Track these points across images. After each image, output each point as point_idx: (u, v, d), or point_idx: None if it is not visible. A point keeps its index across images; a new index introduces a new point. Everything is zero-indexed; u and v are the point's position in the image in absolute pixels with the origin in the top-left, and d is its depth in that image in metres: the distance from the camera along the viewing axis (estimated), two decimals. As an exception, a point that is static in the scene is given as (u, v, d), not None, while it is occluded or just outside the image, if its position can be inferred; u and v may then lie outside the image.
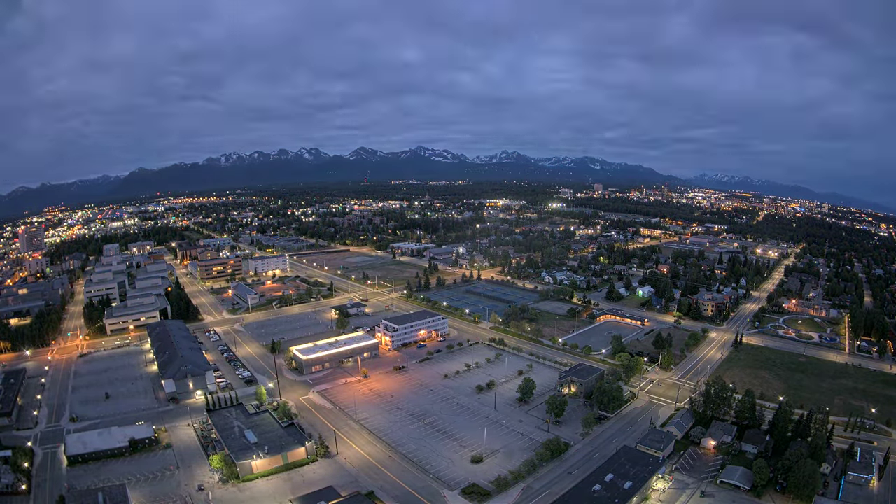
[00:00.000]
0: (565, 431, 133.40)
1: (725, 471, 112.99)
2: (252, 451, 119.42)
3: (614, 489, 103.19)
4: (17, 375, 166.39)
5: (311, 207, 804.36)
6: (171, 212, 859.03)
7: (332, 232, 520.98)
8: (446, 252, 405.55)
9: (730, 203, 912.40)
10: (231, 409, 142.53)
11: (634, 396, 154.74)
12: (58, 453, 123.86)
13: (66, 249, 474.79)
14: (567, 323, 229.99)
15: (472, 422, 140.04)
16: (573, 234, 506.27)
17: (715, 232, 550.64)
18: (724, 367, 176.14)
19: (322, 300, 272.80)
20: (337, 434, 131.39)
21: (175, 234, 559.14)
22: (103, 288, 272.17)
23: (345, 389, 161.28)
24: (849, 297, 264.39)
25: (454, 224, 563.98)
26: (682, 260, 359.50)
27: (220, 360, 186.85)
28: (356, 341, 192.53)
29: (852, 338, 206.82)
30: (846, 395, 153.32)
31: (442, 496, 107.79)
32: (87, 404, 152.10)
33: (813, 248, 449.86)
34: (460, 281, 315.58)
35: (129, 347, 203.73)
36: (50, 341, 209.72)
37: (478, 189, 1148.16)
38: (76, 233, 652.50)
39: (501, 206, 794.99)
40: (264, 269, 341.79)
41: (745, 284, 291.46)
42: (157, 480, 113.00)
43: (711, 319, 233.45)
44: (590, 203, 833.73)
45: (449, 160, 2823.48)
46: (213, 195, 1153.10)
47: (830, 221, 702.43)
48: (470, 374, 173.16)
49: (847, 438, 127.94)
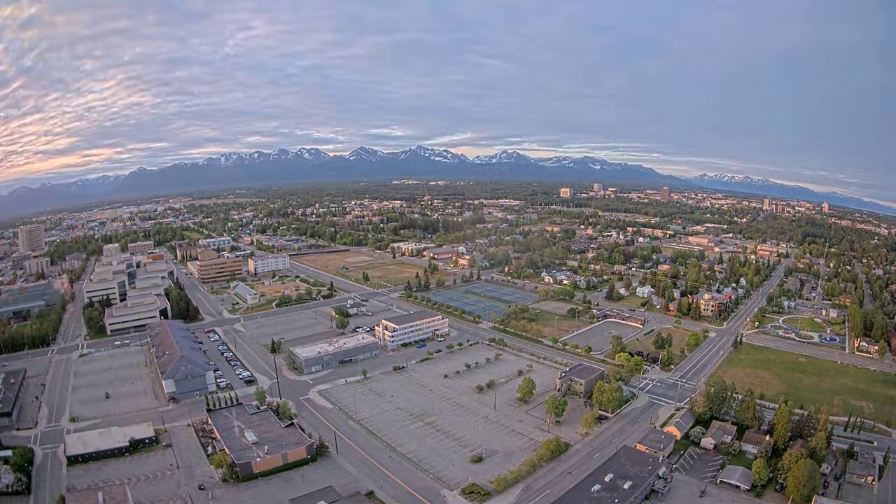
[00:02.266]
0: (565, 431, 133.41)
1: (725, 471, 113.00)
2: (252, 450, 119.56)
3: (614, 489, 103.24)
4: (17, 375, 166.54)
5: (311, 207, 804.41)
6: (172, 212, 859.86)
7: (332, 232, 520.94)
8: (446, 252, 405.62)
9: (730, 203, 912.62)
10: (231, 409, 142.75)
11: (634, 396, 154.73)
12: (58, 453, 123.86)
13: (66, 249, 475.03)
14: (567, 323, 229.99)
15: (472, 422, 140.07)
16: (573, 234, 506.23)
17: (715, 232, 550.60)
18: (724, 367, 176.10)
19: (322, 300, 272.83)
20: (337, 434, 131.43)
21: (175, 234, 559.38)
22: (103, 288, 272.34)
23: (345, 389, 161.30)
24: (849, 297, 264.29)
25: (454, 224, 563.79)
26: (682, 260, 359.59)
27: (220, 360, 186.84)
28: (356, 341, 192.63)
29: (852, 338, 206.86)
30: (846, 395, 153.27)
31: (442, 496, 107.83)
32: (87, 404, 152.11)
33: (813, 248, 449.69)
34: (460, 281, 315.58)
35: (129, 347, 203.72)
36: (50, 341, 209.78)
37: (478, 189, 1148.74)
38: (77, 233, 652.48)
39: (501, 205, 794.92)
40: (264, 270, 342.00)
41: (744, 284, 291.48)
42: (157, 480, 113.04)
43: (711, 319, 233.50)
44: (590, 203, 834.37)
45: (449, 160, 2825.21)
46: (213, 197, 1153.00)
47: (830, 221, 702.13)
48: (470, 374, 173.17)
49: (847, 438, 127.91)
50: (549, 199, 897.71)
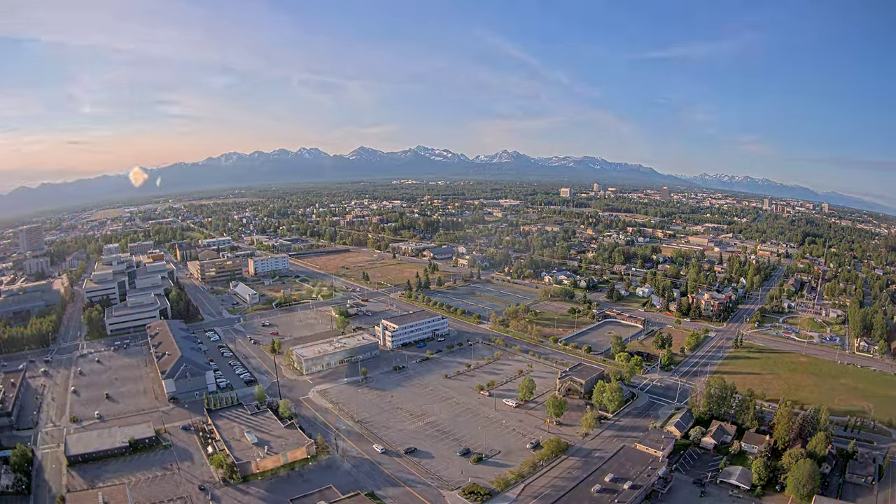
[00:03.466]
0: (565, 431, 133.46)
1: (725, 471, 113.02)
2: (252, 451, 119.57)
3: (614, 489, 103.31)
4: (17, 375, 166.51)
5: (311, 207, 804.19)
6: (172, 212, 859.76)
7: (332, 232, 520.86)
8: (446, 252, 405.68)
9: (730, 203, 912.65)
10: (231, 409, 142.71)
11: (634, 396, 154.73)
12: (58, 453, 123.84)
13: (66, 249, 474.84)
14: (567, 323, 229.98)
15: (472, 422, 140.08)
16: (573, 234, 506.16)
17: (715, 232, 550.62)
18: (724, 367, 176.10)
19: (322, 300, 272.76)
20: (337, 434, 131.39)
21: (175, 234, 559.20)
22: (103, 288, 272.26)
23: (344, 389, 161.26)
24: (849, 297, 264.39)
25: (454, 224, 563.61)
26: (682, 260, 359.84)
27: (220, 360, 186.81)
28: (356, 341, 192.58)
29: (852, 338, 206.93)
30: (846, 395, 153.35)
31: (442, 496, 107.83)
32: (88, 404, 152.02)
33: (813, 248, 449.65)
34: (461, 281, 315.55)
35: (129, 347, 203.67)
36: (50, 341, 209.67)
37: (478, 189, 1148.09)
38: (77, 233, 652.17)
39: (502, 205, 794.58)
40: (264, 270, 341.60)
41: (745, 284, 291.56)
42: (157, 480, 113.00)
43: (711, 319, 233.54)
44: (590, 203, 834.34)
45: (449, 160, 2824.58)
46: (213, 197, 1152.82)
47: (830, 221, 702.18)
48: (470, 374, 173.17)
49: (847, 438, 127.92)
50: (549, 198, 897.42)
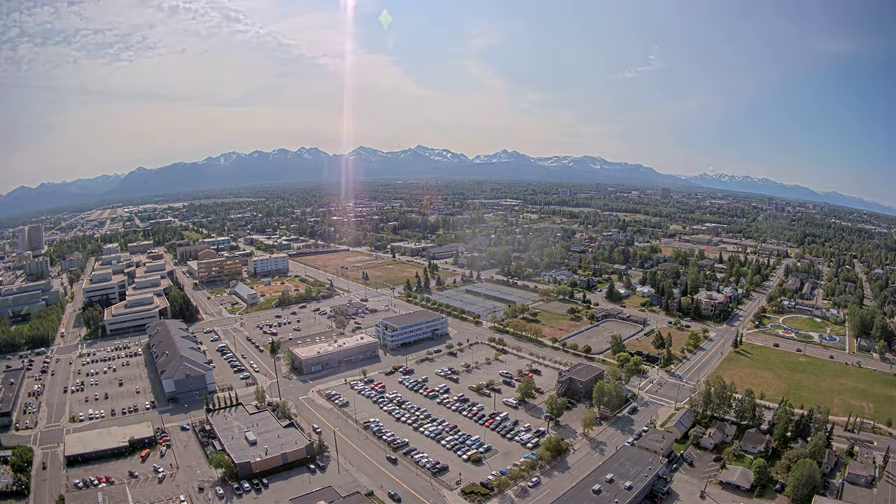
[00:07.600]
0: (565, 431, 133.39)
1: (725, 471, 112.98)
2: (252, 450, 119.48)
3: (614, 489, 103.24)
4: (17, 375, 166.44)
5: (311, 207, 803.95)
6: (171, 211, 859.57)
7: (332, 232, 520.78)
8: (446, 252, 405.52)
9: (730, 203, 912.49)
10: (231, 408, 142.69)
11: (634, 396, 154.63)
12: (57, 453, 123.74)
13: (65, 249, 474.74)
14: (567, 323, 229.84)
15: (471, 422, 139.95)
16: (573, 234, 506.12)
17: (715, 232, 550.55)
18: (724, 367, 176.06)
19: (322, 300, 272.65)
20: (336, 434, 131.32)
21: (174, 233, 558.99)
22: (103, 288, 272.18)
23: (344, 389, 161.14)
24: (849, 296, 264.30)
25: (454, 224, 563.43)
26: (682, 259, 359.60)
27: (219, 360, 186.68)
28: (355, 341, 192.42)
29: (852, 337, 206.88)
30: (846, 395, 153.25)
31: (442, 496, 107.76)
32: (87, 404, 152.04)
33: (813, 248, 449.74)
34: (460, 281, 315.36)
35: (129, 347, 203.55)
36: (49, 341, 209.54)
37: (478, 189, 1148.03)
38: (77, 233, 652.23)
39: (501, 205, 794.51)
40: (264, 269, 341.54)
41: (745, 284, 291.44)
42: (157, 480, 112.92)
43: (711, 319, 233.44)
44: (590, 203, 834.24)
45: (449, 159, 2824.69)
46: (212, 197, 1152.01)
47: (830, 221, 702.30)
48: (470, 374, 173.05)
49: (847, 438, 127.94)
50: (548, 198, 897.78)
